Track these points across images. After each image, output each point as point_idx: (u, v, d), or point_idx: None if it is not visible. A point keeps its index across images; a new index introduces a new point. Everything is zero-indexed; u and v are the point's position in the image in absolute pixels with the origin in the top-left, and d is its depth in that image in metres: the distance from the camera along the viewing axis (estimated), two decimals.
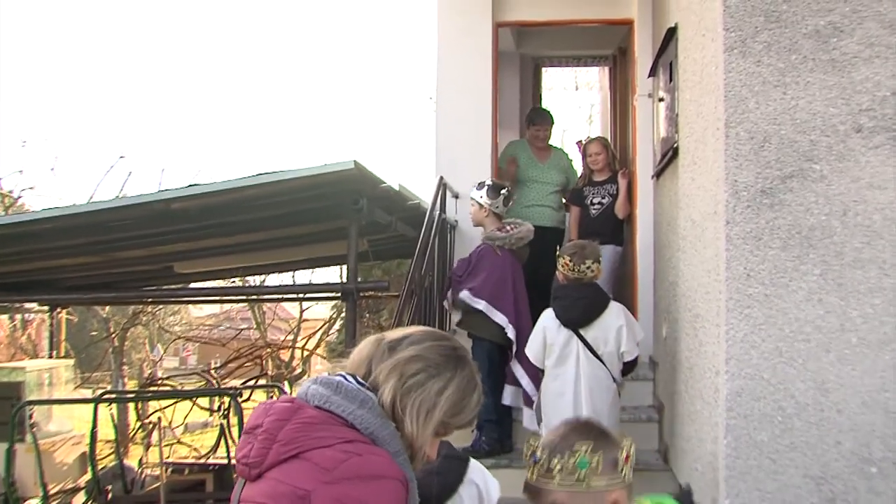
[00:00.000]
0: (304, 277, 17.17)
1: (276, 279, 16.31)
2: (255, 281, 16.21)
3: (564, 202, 6.76)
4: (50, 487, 8.11)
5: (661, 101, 5.33)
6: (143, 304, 13.67)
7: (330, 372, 1.84)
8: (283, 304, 19.26)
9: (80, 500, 8.22)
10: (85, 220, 5.56)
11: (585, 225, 6.41)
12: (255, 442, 1.72)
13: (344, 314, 11.40)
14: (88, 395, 12.35)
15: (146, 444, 9.70)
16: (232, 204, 5.39)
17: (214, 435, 11.22)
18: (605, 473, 1.77)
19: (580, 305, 4.59)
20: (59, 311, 11.57)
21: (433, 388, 1.78)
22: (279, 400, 1.79)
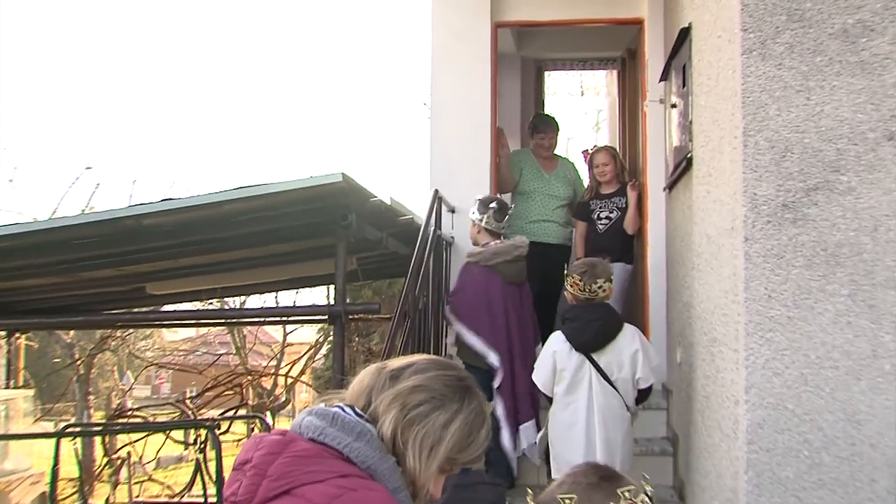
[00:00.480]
0: (288, 299, 17.16)
1: (257, 301, 16.30)
2: (234, 303, 16.18)
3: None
4: None
5: (673, 107, 5.34)
6: (111, 328, 13.61)
7: (327, 403, 1.83)
8: (265, 327, 19.19)
9: None
10: (47, 237, 5.54)
11: (592, 241, 6.40)
12: (243, 478, 1.72)
13: (331, 338, 11.36)
14: (50, 428, 12.28)
15: (114, 482, 9.64)
16: (210, 220, 5.38)
17: (190, 471, 11.14)
18: None
19: (593, 328, 4.58)
20: (17, 336, 11.51)
21: (438, 420, 1.77)
22: (271, 432, 1.79)
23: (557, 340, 4.67)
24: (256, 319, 11.75)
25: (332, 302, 5.75)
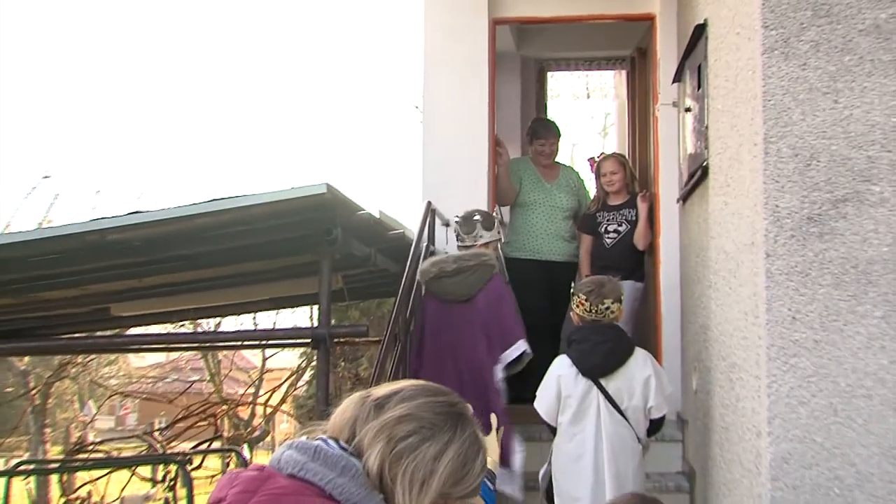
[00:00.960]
0: (267, 321, 17.12)
1: (233, 323, 16.25)
2: (208, 325, 16.12)
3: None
4: None
5: (687, 111, 5.35)
6: (71, 353, 13.57)
7: (308, 436, 1.83)
8: (241, 352, 19.15)
9: None
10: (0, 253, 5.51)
11: (599, 257, 6.40)
12: None
13: (315, 364, 11.32)
14: (1, 465, 12.20)
15: None
16: (181, 235, 5.36)
17: None
18: None
19: (601, 350, 4.57)
20: None
21: (428, 452, 1.76)
22: (247, 468, 1.78)
23: (562, 365, 4.66)
24: (232, 343, 11.71)
25: (315, 324, 5.74)
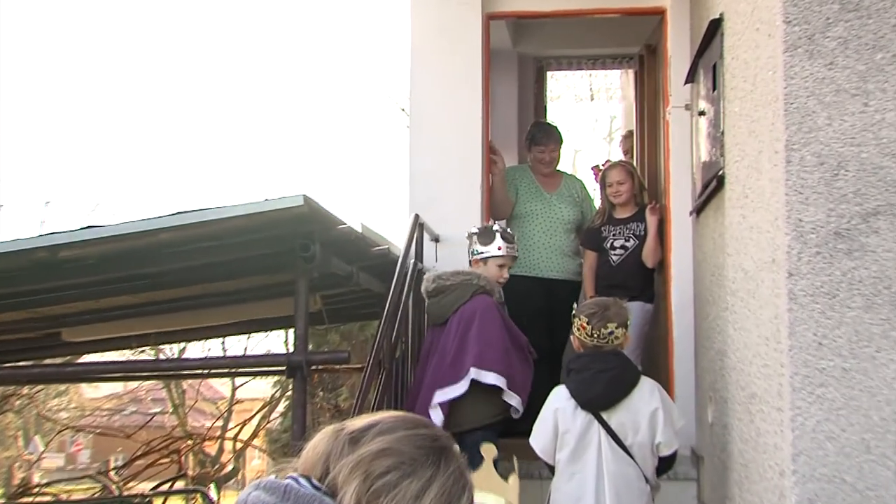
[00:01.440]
0: (237, 346, 17.06)
1: (199, 349, 16.21)
2: (171, 351, 16.08)
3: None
4: None
5: (701, 114, 5.36)
6: (16, 384, 13.48)
7: (279, 474, 1.81)
8: (209, 381, 19.11)
9: None
10: None
11: (604, 275, 6.40)
12: None
13: (290, 393, 11.29)
14: None
15: None
16: (142, 252, 5.36)
17: None
18: None
19: (603, 380, 4.56)
20: None
21: (409, 490, 1.74)
22: None
23: (560, 397, 4.65)
24: (198, 371, 11.68)
25: (291, 350, 5.72)
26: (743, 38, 4.18)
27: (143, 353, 14.07)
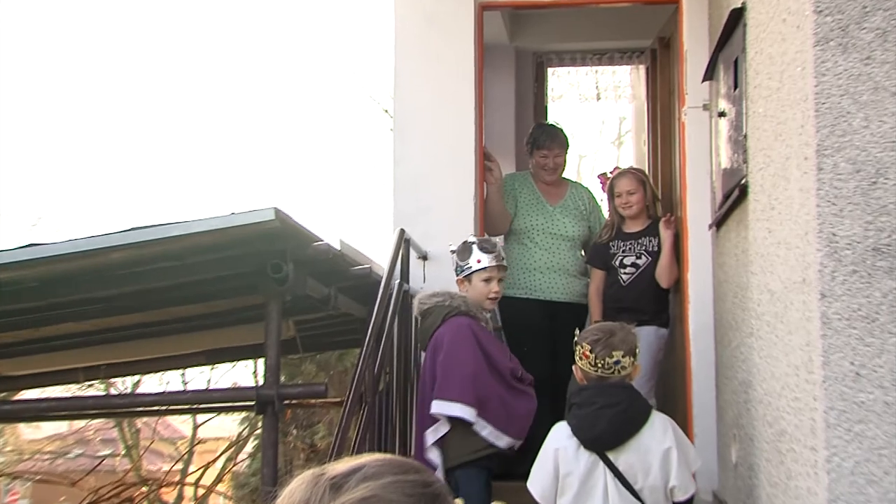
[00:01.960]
0: (200, 379, 17.02)
1: (156, 382, 16.17)
2: (124, 386, 16.03)
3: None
4: None
5: (721, 115, 5.38)
6: None
7: None
8: (167, 418, 19.06)
9: None
10: None
11: (613, 297, 6.40)
12: None
13: (259, 432, 11.24)
14: None
15: None
16: (91, 273, 5.36)
17: None
18: None
19: (608, 416, 4.55)
20: None
21: None
22: None
23: (560, 435, 4.63)
24: (155, 408, 11.65)
25: (260, 382, 5.72)
26: (768, 29, 4.20)
27: (91, 387, 14.04)
